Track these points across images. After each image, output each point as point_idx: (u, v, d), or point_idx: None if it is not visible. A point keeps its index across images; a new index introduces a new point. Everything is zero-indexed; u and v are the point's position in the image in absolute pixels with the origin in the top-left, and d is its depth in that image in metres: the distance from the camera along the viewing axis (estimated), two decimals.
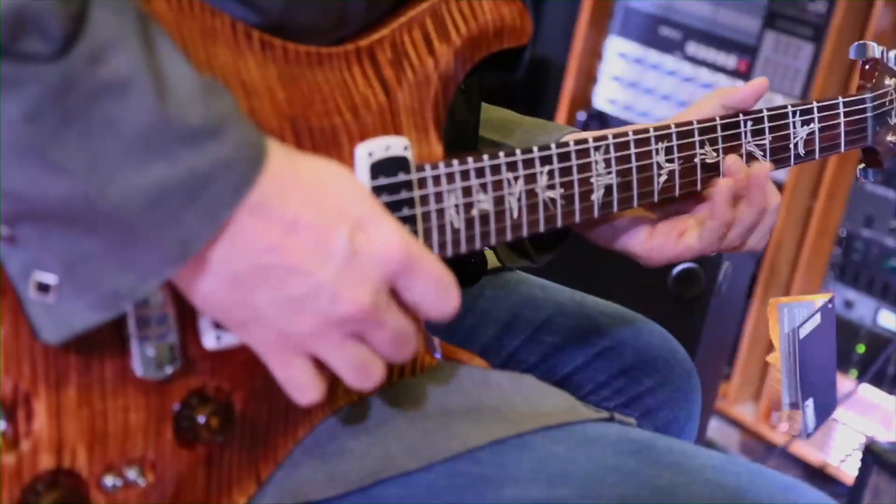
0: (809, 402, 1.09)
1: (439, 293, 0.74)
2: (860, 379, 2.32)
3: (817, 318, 1.10)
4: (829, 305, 1.10)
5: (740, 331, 2.40)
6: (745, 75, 2.47)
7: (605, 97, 2.71)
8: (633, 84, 2.66)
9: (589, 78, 2.75)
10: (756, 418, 2.46)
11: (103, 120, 0.64)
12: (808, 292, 2.40)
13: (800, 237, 2.40)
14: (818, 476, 2.34)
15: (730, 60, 2.50)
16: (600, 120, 2.68)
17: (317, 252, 0.69)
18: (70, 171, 0.63)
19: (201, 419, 0.77)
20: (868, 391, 2.31)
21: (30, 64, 0.62)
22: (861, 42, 1.13)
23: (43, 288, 0.67)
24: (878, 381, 2.30)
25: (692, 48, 2.56)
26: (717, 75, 2.51)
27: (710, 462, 0.81)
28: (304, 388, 0.73)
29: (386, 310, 0.72)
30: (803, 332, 1.09)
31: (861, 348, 2.34)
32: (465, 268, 1.04)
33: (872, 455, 1.93)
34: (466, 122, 0.98)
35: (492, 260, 1.12)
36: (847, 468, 2.29)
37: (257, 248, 0.68)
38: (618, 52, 2.68)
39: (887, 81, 1.12)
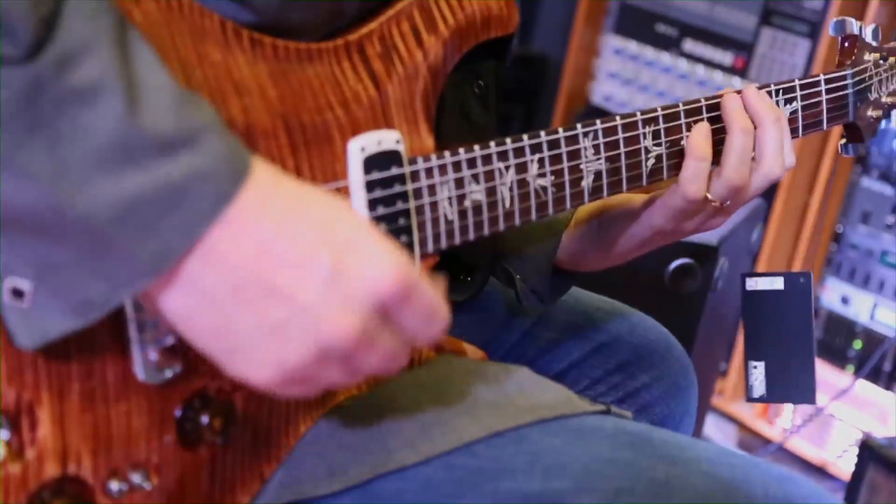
0: (759, 366, 1.10)
1: (430, 320, 0.70)
2: (857, 375, 2.32)
3: (779, 283, 1.10)
4: (801, 279, 1.10)
5: (737, 327, 2.40)
6: (741, 72, 2.48)
7: (601, 94, 2.72)
8: (630, 81, 2.66)
9: (586, 75, 2.75)
10: (753, 414, 2.47)
11: (71, 127, 0.62)
12: None
13: (796, 233, 2.40)
14: (815, 472, 2.34)
15: (726, 57, 2.50)
16: (597, 117, 2.68)
17: (295, 272, 0.66)
18: (37, 179, 0.61)
19: (204, 421, 0.77)
20: (864, 387, 2.32)
21: None
22: (839, 18, 1.13)
23: (17, 293, 0.65)
24: (875, 376, 2.31)
25: (689, 45, 2.56)
26: (713, 72, 2.52)
27: (705, 454, 0.81)
28: (308, 397, 0.74)
29: (376, 335, 0.68)
30: (752, 284, 1.10)
31: (858, 344, 2.35)
32: (466, 283, 1.05)
33: (869, 450, 1.94)
34: (484, 125, 0.99)
35: None
36: (844, 464, 2.29)
37: (230, 266, 0.65)
38: (614, 48, 2.69)
39: (866, 57, 1.13)
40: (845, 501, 1.96)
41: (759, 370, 1.10)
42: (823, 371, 2.36)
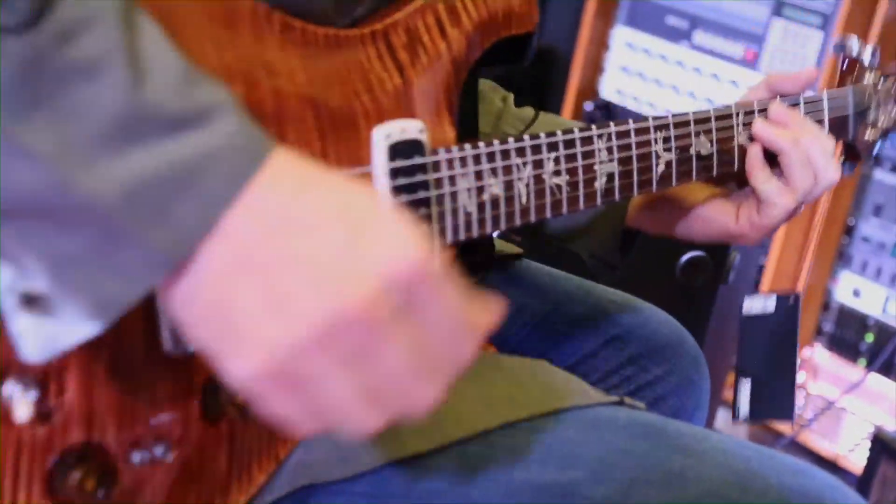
0: (746, 383, 1.12)
1: (457, 330, 0.63)
2: (869, 368, 2.31)
3: (771, 305, 1.12)
4: (790, 301, 1.12)
5: None
6: (752, 64, 2.47)
7: (612, 87, 2.71)
8: (640, 74, 2.66)
9: (596, 68, 2.74)
10: None
11: (74, 102, 0.58)
12: (817, 281, 2.39)
13: (808, 226, 2.40)
14: (826, 465, 2.34)
15: (737, 49, 2.49)
16: (607, 110, 2.67)
17: (305, 240, 0.60)
18: (40, 158, 0.57)
19: (228, 396, 0.77)
20: (876, 380, 2.31)
21: None
22: (840, 38, 1.16)
23: (30, 299, 0.62)
24: (887, 370, 2.30)
25: (699, 37, 2.55)
26: (724, 64, 2.51)
27: (720, 445, 0.81)
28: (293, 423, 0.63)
29: (392, 329, 0.60)
30: (748, 307, 1.12)
31: (870, 337, 2.34)
32: (473, 258, 1.04)
33: (881, 444, 1.94)
34: (462, 115, 0.99)
35: (496, 246, 1.12)
36: (856, 457, 2.29)
37: (243, 245, 0.60)
38: (624, 41, 2.68)
39: (865, 80, 1.15)
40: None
41: (746, 387, 1.12)
42: (835, 364, 2.35)
